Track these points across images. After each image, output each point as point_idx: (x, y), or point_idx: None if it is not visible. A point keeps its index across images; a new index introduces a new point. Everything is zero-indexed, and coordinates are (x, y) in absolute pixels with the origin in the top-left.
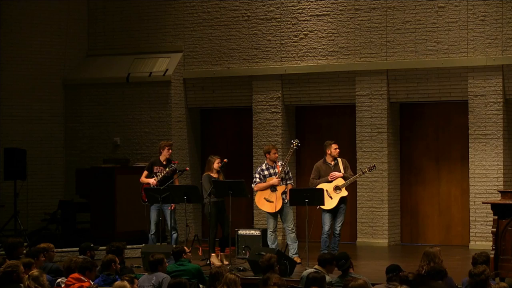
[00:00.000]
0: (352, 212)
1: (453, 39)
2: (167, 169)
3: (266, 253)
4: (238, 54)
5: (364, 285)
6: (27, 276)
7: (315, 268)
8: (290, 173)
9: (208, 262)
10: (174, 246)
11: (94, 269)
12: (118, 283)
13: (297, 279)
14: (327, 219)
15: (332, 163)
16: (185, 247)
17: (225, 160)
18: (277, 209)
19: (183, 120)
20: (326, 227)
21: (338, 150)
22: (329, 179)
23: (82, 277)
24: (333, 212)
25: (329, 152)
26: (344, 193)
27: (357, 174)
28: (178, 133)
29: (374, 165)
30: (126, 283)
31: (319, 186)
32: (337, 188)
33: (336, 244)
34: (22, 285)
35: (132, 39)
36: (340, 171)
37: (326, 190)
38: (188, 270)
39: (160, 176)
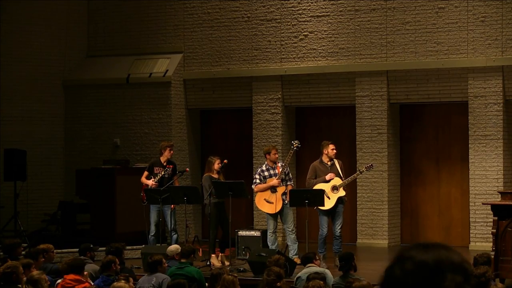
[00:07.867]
0: (352, 213)
1: (453, 40)
2: (163, 172)
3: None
4: (238, 55)
5: (368, 287)
6: (25, 279)
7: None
8: (290, 174)
9: (208, 263)
10: (186, 244)
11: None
12: (115, 284)
13: None
14: (324, 221)
15: (329, 163)
16: (198, 253)
17: (225, 161)
18: (277, 210)
19: (183, 121)
20: (325, 230)
21: (335, 151)
22: (327, 179)
23: (80, 278)
24: (331, 212)
25: (326, 152)
26: (341, 193)
27: (355, 174)
28: (178, 134)
29: (372, 164)
30: (123, 283)
31: (316, 187)
32: (334, 188)
33: (339, 246)
34: (20, 286)
35: (132, 40)
36: (337, 172)
37: (324, 190)
38: (185, 275)
39: (158, 177)
